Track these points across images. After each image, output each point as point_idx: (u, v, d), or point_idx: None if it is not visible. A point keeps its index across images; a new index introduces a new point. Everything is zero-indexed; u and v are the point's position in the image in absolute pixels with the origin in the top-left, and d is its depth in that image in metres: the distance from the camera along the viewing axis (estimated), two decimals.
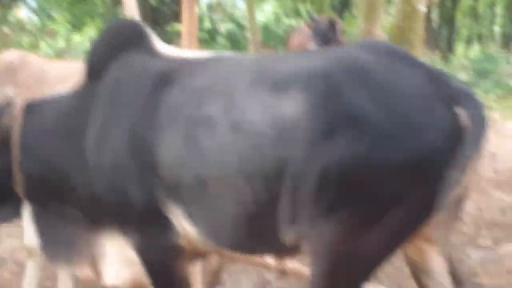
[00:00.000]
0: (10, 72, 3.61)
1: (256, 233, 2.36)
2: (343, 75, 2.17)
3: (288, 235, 2.28)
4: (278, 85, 2.25)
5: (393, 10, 11.90)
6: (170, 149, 2.38)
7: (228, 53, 2.68)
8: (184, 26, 3.08)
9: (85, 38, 20.35)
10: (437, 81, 2.15)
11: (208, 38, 19.25)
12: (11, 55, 3.75)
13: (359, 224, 2.13)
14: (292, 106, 2.19)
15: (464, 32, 24.91)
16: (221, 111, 2.32)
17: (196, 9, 3.16)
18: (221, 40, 19.32)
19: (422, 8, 8.98)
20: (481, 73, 14.77)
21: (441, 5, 23.06)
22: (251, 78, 2.33)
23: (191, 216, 2.43)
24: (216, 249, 2.60)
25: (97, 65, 2.67)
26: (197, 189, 2.36)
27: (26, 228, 3.63)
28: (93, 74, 2.68)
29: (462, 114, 2.08)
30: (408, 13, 8.94)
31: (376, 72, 2.15)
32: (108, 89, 2.59)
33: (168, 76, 2.50)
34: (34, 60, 3.75)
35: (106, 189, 2.52)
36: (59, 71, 3.68)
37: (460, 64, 15.19)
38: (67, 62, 4.47)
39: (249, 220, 2.32)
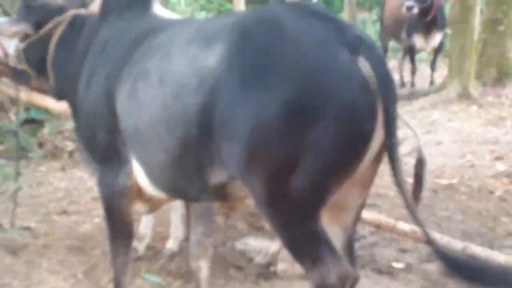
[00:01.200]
0: None
1: (185, 176, 2.54)
2: (256, 26, 2.29)
3: (215, 178, 2.42)
4: (206, 40, 2.41)
5: None
6: (122, 99, 2.69)
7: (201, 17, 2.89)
8: None
9: None
10: (343, 33, 2.19)
11: None
12: None
13: (283, 165, 2.18)
14: (212, 57, 2.32)
15: None
16: (155, 64, 2.58)
17: None
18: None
19: None
20: None
21: None
22: (190, 35, 2.53)
23: (138, 160, 2.74)
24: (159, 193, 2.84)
25: (106, 11, 3.03)
26: (138, 136, 2.65)
27: None
28: (102, 16, 3.04)
29: (363, 63, 2.12)
30: None
31: (286, 24, 2.23)
32: (103, 38, 2.96)
33: (144, 34, 2.78)
34: None
35: (84, 122, 2.95)
36: None
37: None
38: None
39: (177, 164, 2.53)
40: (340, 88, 2.10)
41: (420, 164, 4.06)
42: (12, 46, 3.27)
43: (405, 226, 3.69)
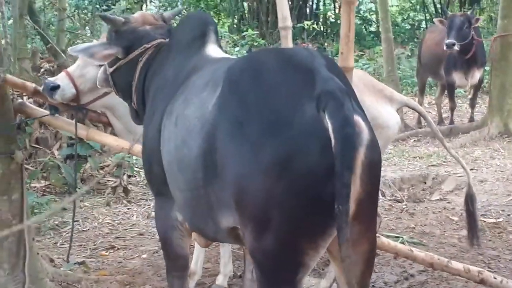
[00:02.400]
0: None
1: (200, 216, 2.57)
2: (240, 75, 2.32)
3: (225, 221, 2.41)
4: (214, 84, 2.45)
5: None
6: (161, 135, 2.76)
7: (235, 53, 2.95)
8: (342, 30, 3.26)
9: None
10: (315, 86, 2.14)
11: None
12: None
13: (260, 219, 2.17)
14: (212, 102, 2.38)
15: None
16: (178, 104, 2.65)
17: (353, 15, 3.32)
18: None
19: None
20: None
21: None
22: (208, 78, 2.57)
23: (175, 197, 2.77)
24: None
25: (171, 46, 3.11)
26: (167, 174, 2.72)
27: None
28: (167, 52, 3.12)
29: (327, 120, 2.07)
30: None
31: (265, 74, 2.26)
32: (165, 73, 3.03)
33: (189, 74, 2.82)
34: None
35: (144, 153, 3.02)
36: None
37: None
38: None
39: (190, 204, 2.59)
40: (302, 146, 2.08)
41: (471, 200, 4.07)
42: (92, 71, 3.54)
43: (458, 265, 3.65)
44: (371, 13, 21.54)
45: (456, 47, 8.57)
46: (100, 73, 3.43)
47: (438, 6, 20.47)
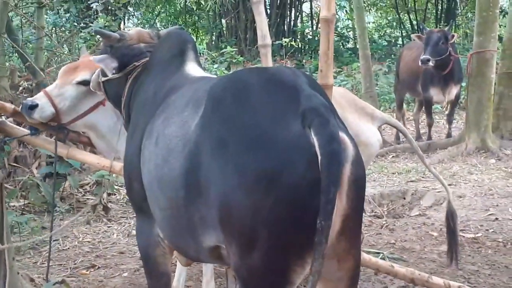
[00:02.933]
0: None
1: (181, 236, 2.56)
2: (223, 93, 2.32)
3: (208, 240, 2.39)
4: (196, 103, 2.46)
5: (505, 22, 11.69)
6: (140, 154, 2.77)
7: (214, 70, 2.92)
8: (321, 47, 3.29)
9: None
10: (299, 103, 2.15)
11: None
12: None
13: (246, 237, 2.15)
14: (194, 121, 2.38)
15: None
16: (158, 124, 2.66)
17: (332, 33, 3.36)
18: None
19: None
20: None
21: None
22: (189, 97, 2.59)
23: (155, 215, 2.77)
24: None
25: (151, 65, 3.14)
26: (147, 192, 2.72)
27: None
28: (147, 70, 3.14)
29: (313, 137, 2.08)
30: None
31: (249, 93, 2.26)
32: (145, 92, 3.04)
33: (168, 93, 2.84)
34: None
35: (125, 170, 3.02)
36: None
37: None
38: None
39: (171, 223, 2.58)
40: (288, 161, 2.07)
41: (451, 216, 4.11)
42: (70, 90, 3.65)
43: (439, 280, 3.69)
44: (348, 30, 21.78)
45: (431, 63, 8.67)
46: (95, 76, 3.45)
47: (414, 23, 20.76)
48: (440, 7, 21.35)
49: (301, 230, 2.09)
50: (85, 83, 3.71)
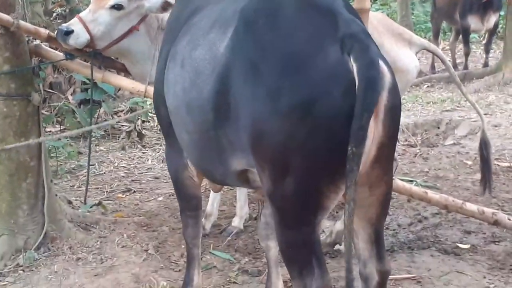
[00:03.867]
0: None
1: (208, 159, 2.57)
2: (255, 15, 2.25)
3: (236, 164, 2.40)
4: (223, 25, 2.38)
5: None
6: (164, 79, 2.77)
7: None
8: None
9: None
10: (338, 29, 2.08)
11: None
12: None
13: (279, 162, 2.13)
14: (223, 43, 2.31)
15: None
16: (182, 46, 2.62)
17: None
18: None
19: None
20: None
21: None
22: (214, 18, 2.51)
23: (178, 139, 2.80)
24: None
25: None
26: (172, 116, 2.73)
27: None
28: None
29: (352, 64, 2.03)
30: None
31: (283, 15, 2.19)
32: (170, 17, 3.11)
33: (191, 14, 2.79)
34: None
35: (154, 96, 3.03)
36: None
37: None
38: None
39: (199, 147, 2.58)
40: (326, 87, 2.02)
41: (485, 145, 4.06)
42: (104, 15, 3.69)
43: (473, 206, 3.68)
44: None
45: None
46: None
47: None
48: None
49: (335, 157, 2.05)
50: (118, 7, 3.68)
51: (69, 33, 3.64)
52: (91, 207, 4.30)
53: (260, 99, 2.12)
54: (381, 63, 2.09)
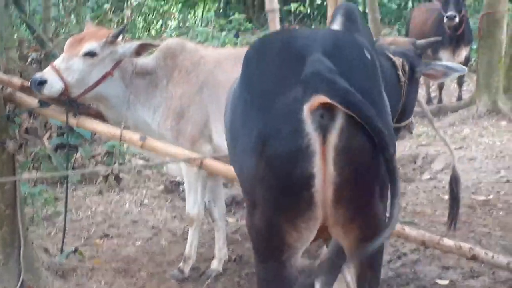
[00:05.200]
0: (172, 57, 3.98)
1: None
2: (251, 55, 2.42)
3: None
4: None
5: None
6: None
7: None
8: (329, 11, 3.28)
9: (197, 18, 21.01)
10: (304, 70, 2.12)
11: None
12: (172, 41, 4.12)
13: (251, 195, 2.26)
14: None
15: None
16: None
17: None
18: None
19: None
20: None
21: None
22: None
23: None
24: None
25: None
26: None
27: (187, 198, 4.02)
28: None
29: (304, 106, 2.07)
30: None
31: (267, 56, 2.33)
32: None
33: None
34: (192, 46, 4.10)
35: None
36: (214, 56, 4.02)
37: None
38: (220, 48, 4.80)
39: None
40: (276, 127, 2.12)
41: (454, 181, 4.10)
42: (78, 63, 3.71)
43: (450, 242, 3.69)
44: None
45: (456, 19, 8.57)
46: None
47: None
48: None
49: (290, 195, 2.12)
50: (92, 54, 3.70)
51: (43, 82, 3.63)
52: (67, 255, 4.25)
53: (243, 133, 2.26)
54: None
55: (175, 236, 4.92)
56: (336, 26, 2.95)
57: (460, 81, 9.73)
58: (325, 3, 19.19)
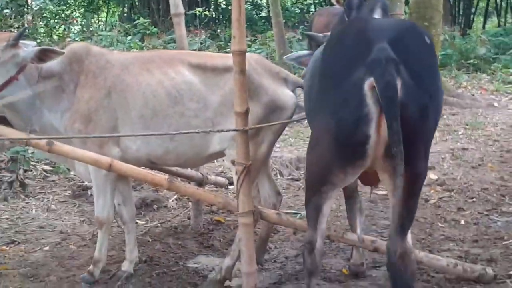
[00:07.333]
0: (77, 61, 3.96)
1: None
2: (334, 36, 3.20)
3: None
4: None
5: None
6: None
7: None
8: (233, 14, 3.36)
9: (101, 23, 20.76)
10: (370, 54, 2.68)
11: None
12: (77, 46, 4.10)
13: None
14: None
15: (481, 4, 24.53)
16: None
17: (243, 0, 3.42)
18: None
19: None
20: (500, 47, 15.06)
21: None
22: None
23: None
24: None
25: None
26: None
27: (96, 201, 4.01)
28: None
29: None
30: None
31: (343, 39, 3.00)
32: None
33: None
34: (97, 51, 4.09)
35: None
36: (120, 60, 4.03)
37: (479, 39, 15.29)
38: (126, 52, 4.78)
39: None
40: (344, 100, 2.74)
41: None
42: None
43: (353, 235, 3.85)
44: None
45: None
46: None
47: None
48: None
49: (348, 146, 2.75)
50: None
51: None
52: None
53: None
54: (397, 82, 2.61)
55: (84, 240, 4.89)
56: (377, 15, 3.86)
57: None
58: (229, 7, 19.38)
